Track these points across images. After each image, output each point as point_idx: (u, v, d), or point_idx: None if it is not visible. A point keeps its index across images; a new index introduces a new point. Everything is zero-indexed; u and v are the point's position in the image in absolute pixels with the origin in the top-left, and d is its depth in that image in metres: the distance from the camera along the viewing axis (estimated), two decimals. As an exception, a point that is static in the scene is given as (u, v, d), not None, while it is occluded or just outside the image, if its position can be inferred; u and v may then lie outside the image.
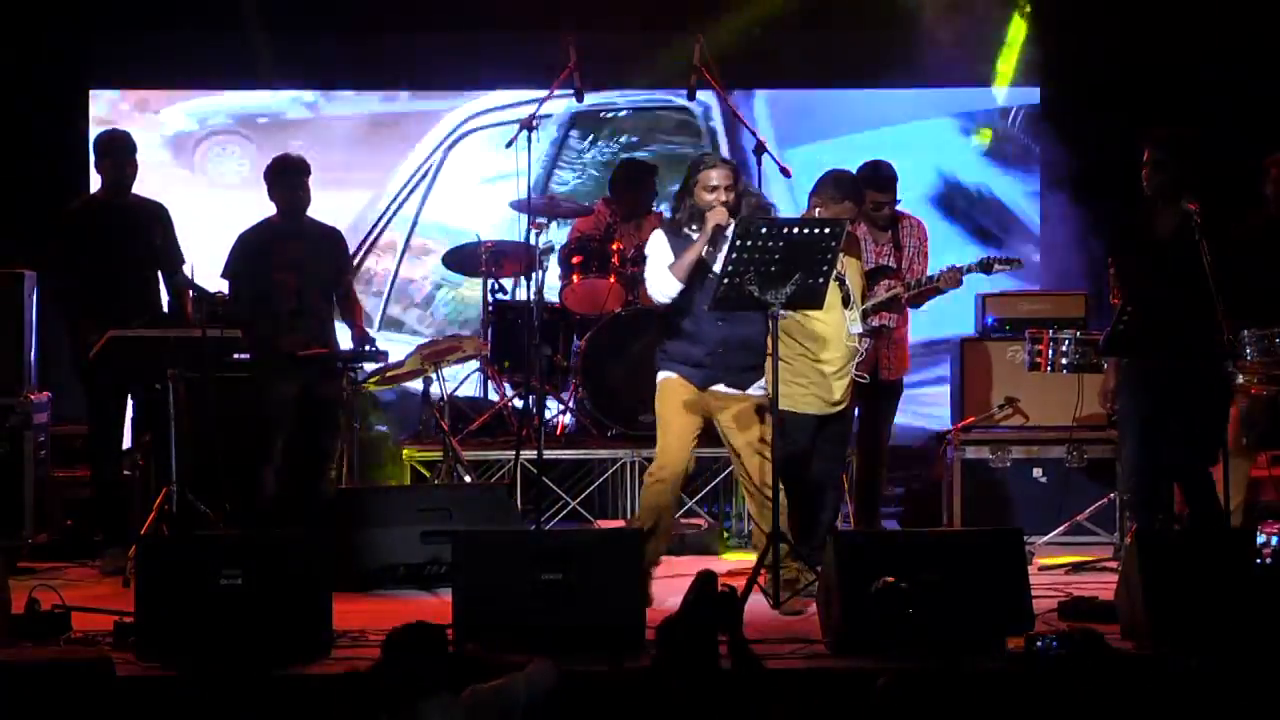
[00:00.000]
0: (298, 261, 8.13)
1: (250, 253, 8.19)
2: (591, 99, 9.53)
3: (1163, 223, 7.38)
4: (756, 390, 7.15)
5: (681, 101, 10.55)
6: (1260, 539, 6.59)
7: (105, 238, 8.14)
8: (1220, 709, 5.41)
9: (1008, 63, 10.49)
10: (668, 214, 7.25)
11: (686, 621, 5.13)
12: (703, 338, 7.08)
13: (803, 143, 10.67)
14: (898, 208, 8.20)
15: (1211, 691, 5.44)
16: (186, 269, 8.11)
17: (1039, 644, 5.30)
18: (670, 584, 7.43)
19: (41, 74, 10.24)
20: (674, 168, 9.71)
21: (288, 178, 8.19)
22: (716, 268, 6.94)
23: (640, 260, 7.87)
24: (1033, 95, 10.80)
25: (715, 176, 6.97)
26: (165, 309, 8.35)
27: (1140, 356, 7.54)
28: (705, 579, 5.31)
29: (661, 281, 7.03)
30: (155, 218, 8.35)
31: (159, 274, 8.34)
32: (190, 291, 8.16)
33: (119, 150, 8.27)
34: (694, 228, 7.02)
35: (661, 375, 7.18)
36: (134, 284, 8.20)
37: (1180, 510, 7.70)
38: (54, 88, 10.32)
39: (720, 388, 7.12)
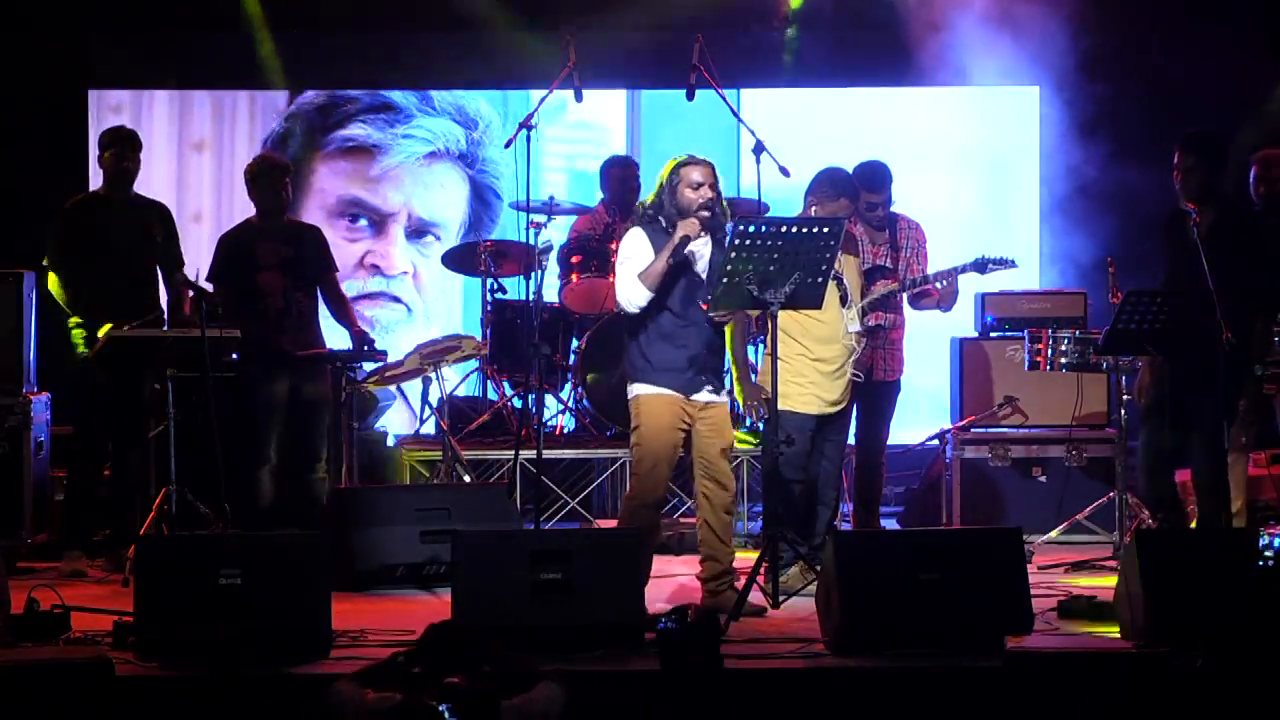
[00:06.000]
0: (282, 261, 8.11)
1: (232, 254, 8.16)
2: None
3: (1200, 223, 7.33)
4: (725, 395, 7.06)
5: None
6: (1262, 541, 6.59)
7: (105, 234, 8.10)
8: (1220, 709, 5.41)
9: None
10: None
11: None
12: (687, 341, 6.88)
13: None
14: (892, 209, 8.17)
15: (1212, 691, 5.44)
16: (189, 271, 8.11)
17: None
18: (667, 584, 7.45)
19: (41, 74, 10.24)
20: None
21: (270, 179, 8.13)
22: (700, 267, 6.89)
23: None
24: (1032, 95, 10.79)
25: (698, 174, 6.89)
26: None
27: (1141, 353, 7.55)
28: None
29: (631, 290, 6.82)
30: (157, 216, 8.32)
31: (158, 273, 8.31)
32: (189, 291, 8.16)
33: (122, 144, 8.21)
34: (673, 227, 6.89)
35: (640, 390, 6.89)
36: (133, 281, 8.16)
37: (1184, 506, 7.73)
38: (54, 88, 10.33)
39: (704, 394, 6.90)
